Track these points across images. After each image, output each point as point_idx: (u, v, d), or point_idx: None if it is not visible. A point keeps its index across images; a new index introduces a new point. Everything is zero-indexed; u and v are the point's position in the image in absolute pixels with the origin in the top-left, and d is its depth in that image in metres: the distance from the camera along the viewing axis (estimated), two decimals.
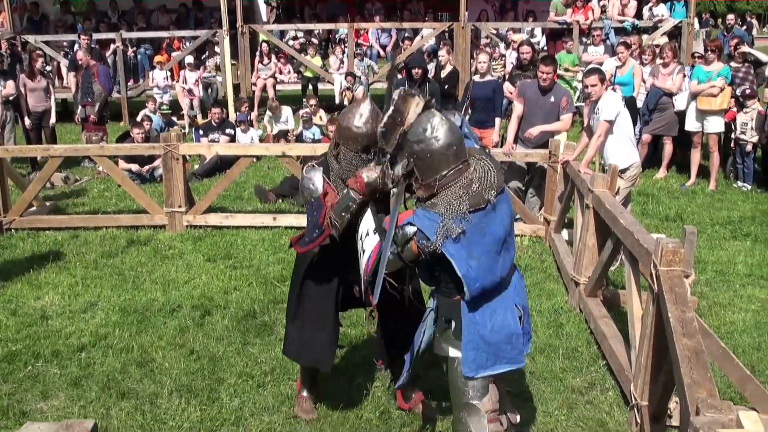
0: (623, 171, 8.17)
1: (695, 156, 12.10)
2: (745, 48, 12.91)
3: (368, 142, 4.68)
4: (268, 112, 15.39)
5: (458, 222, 3.86)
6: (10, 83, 13.08)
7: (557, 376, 5.94)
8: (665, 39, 16.68)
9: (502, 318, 4.05)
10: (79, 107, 13.83)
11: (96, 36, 18.04)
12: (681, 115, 12.31)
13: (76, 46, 17.12)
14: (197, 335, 6.76)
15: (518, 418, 4.34)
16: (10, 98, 12.94)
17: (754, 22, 31.15)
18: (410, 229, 3.97)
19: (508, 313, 4.09)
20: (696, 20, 19.23)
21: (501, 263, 4.04)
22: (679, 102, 12.16)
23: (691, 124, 11.96)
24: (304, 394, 5.44)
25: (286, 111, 15.21)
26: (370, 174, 4.46)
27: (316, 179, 4.82)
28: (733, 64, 12.45)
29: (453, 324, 4.14)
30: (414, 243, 3.97)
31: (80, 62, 13.95)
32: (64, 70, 17.75)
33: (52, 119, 13.86)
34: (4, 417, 5.47)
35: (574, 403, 5.56)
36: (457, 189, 3.93)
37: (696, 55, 12.54)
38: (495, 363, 4.06)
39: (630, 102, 11.77)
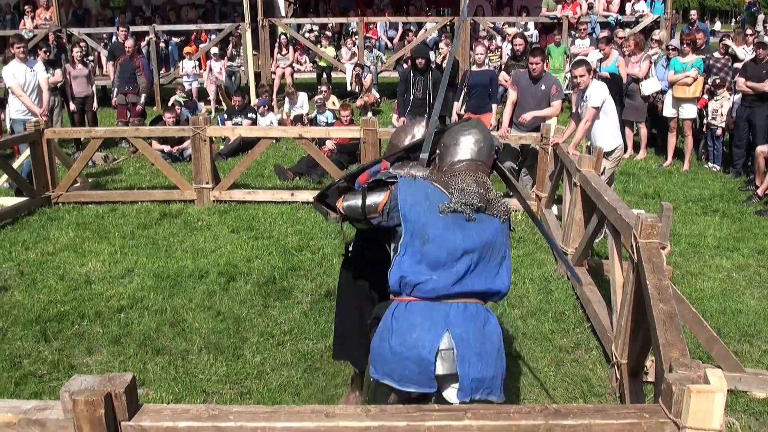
0: (608, 153, 8.17)
1: (671, 139, 12.10)
2: (728, 42, 12.84)
3: None
4: (286, 98, 15.37)
5: (432, 211, 3.40)
6: (58, 71, 13.08)
7: (546, 337, 5.98)
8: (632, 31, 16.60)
9: (418, 337, 3.29)
10: (119, 93, 13.84)
11: (132, 29, 17.98)
12: (646, 100, 12.33)
13: (114, 38, 17.11)
14: (223, 299, 6.81)
15: None
16: (58, 85, 12.94)
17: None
18: (393, 178, 3.58)
19: (427, 337, 3.29)
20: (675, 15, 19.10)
21: (444, 279, 3.36)
22: (645, 88, 12.14)
23: (668, 111, 11.96)
24: (356, 394, 4.89)
25: (302, 97, 15.19)
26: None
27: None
28: (716, 54, 12.43)
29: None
30: (387, 195, 3.52)
31: (128, 49, 13.96)
32: (103, 60, 17.73)
33: (95, 104, 13.89)
34: (55, 369, 5.53)
35: (562, 361, 5.60)
36: (462, 180, 3.49)
37: (670, 47, 12.48)
38: (400, 379, 3.32)
39: (616, 80, 11.75)
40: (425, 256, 3.37)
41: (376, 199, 3.57)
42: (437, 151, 3.71)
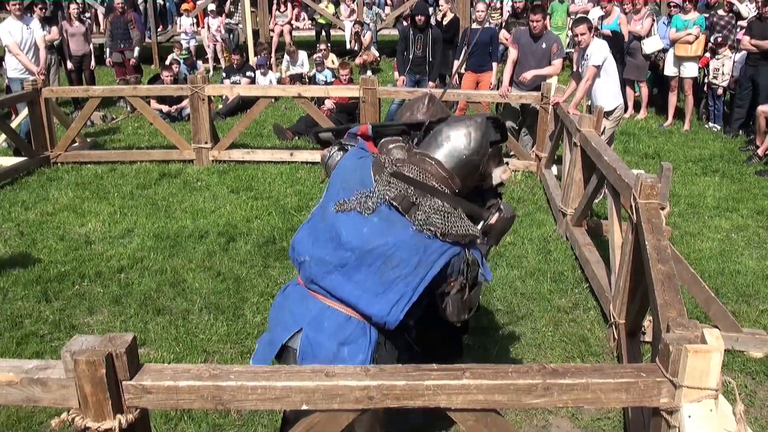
0: (609, 113, 8.14)
1: (672, 99, 12.03)
2: None
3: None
4: (285, 56, 15.26)
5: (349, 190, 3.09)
6: (54, 29, 12.97)
7: (545, 297, 6.01)
8: None
9: (278, 321, 3.18)
10: (113, 53, 13.74)
11: None
12: (648, 59, 12.24)
13: None
14: (223, 259, 6.83)
15: None
16: (54, 43, 12.84)
17: None
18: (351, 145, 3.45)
19: (281, 326, 3.14)
20: None
21: (316, 267, 3.03)
22: (647, 46, 12.05)
23: (669, 69, 11.88)
24: None
25: (302, 55, 15.09)
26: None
27: None
28: (720, 12, 12.33)
29: None
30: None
31: (117, 5, 13.81)
32: (101, 17, 17.57)
33: (92, 63, 13.79)
34: (56, 329, 5.58)
35: (560, 321, 5.64)
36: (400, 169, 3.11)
37: (672, 4, 12.37)
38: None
39: (617, 38, 11.65)
40: (316, 233, 3.09)
41: (335, 158, 3.47)
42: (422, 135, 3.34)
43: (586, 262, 6.30)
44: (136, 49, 13.87)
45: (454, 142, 3.11)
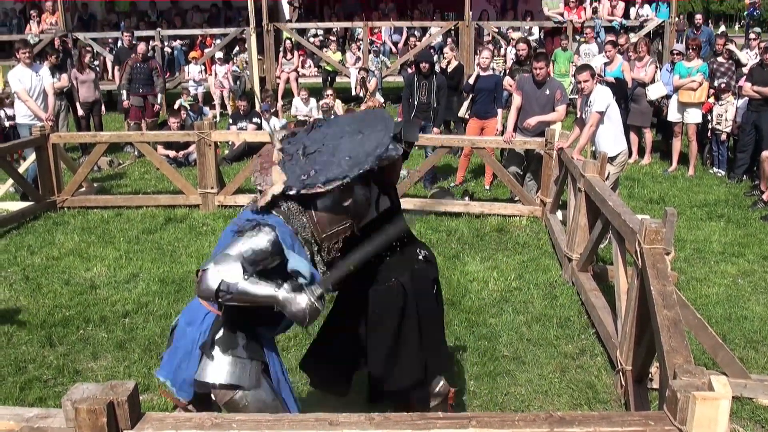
0: (612, 158, 8.16)
1: (676, 144, 12.08)
2: (731, 47, 12.85)
3: None
4: (294, 101, 15.43)
5: None
6: (64, 76, 13.15)
7: (551, 343, 5.96)
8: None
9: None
10: (132, 96, 13.86)
11: (137, 33, 18.04)
12: (653, 105, 12.31)
13: (119, 42, 17.16)
14: None
15: None
16: (64, 90, 12.98)
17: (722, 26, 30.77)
18: None
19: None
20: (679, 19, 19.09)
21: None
22: (651, 93, 12.13)
23: (673, 115, 11.95)
24: None
25: (312, 101, 15.28)
26: None
27: None
28: (720, 59, 12.42)
29: None
30: None
31: (140, 53, 14.01)
32: (109, 65, 17.77)
33: (102, 109, 13.94)
34: (60, 374, 5.54)
35: (567, 367, 5.58)
36: None
37: (675, 51, 12.47)
38: None
39: (621, 85, 11.72)
40: None
41: None
42: None
43: (593, 307, 6.25)
44: (160, 96, 14.08)
45: None
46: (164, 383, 3.62)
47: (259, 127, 13.99)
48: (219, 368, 3.36)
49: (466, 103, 11.31)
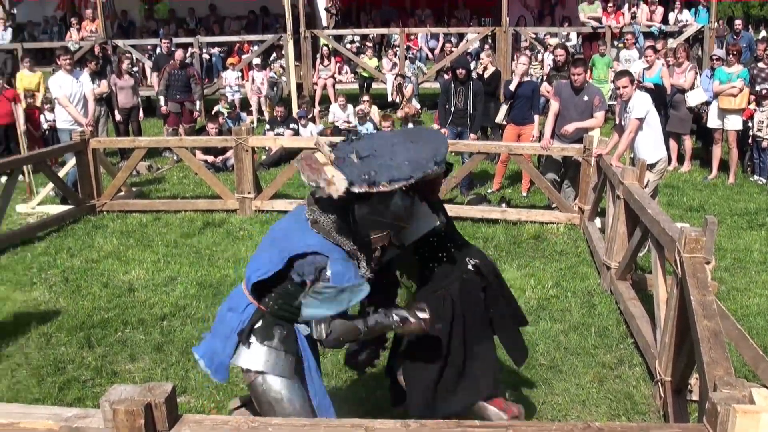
0: (652, 165, 8.07)
1: (716, 151, 11.90)
2: None
3: None
4: (332, 107, 15.51)
5: None
6: (104, 82, 13.34)
7: (589, 352, 5.90)
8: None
9: None
10: (170, 102, 14.02)
11: (176, 40, 18.25)
12: (692, 111, 12.15)
13: (158, 49, 17.37)
14: None
15: None
16: (103, 96, 13.18)
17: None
18: None
19: None
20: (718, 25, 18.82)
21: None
22: (691, 99, 11.98)
23: (713, 122, 11.78)
24: None
25: (350, 108, 15.36)
26: None
27: None
28: (760, 64, 12.24)
29: None
30: None
31: (178, 60, 14.19)
32: (147, 71, 18.00)
33: (140, 114, 14.12)
34: (98, 375, 5.61)
35: (605, 377, 5.52)
36: None
37: (714, 57, 12.31)
38: None
39: (660, 91, 11.60)
40: None
41: None
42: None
43: (631, 316, 6.18)
44: (198, 102, 14.21)
45: None
46: (198, 361, 3.81)
47: (297, 132, 14.07)
48: (254, 356, 3.59)
49: (503, 109, 11.26)
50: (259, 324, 3.62)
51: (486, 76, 12.39)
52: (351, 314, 3.66)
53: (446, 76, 15.37)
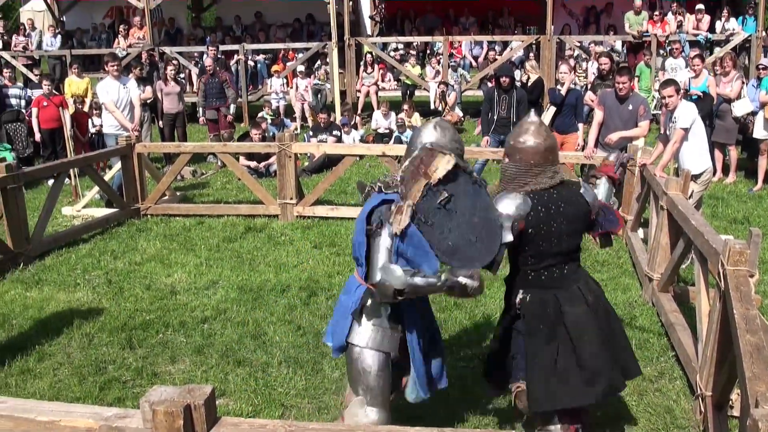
0: (696, 176, 7.95)
1: (762, 162, 11.66)
2: None
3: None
4: (375, 114, 15.56)
5: None
6: (149, 88, 13.55)
7: None
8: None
9: None
10: (207, 110, 14.20)
11: (222, 47, 18.47)
12: (738, 122, 11.94)
13: (204, 57, 17.61)
14: (304, 313, 6.87)
15: None
16: (148, 101, 13.38)
17: None
18: None
19: None
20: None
21: None
22: (737, 109, 11.77)
23: (759, 132, 11.55)
24: None
25: (392, 115, 15.42)
26: None
27: None
28: None
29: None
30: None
31: (208, 68, 14.35)
32: (194, 78, 18.23)
33: (185, 120, 14.30)
34: (138, 376, 5.69)
35: (645, 390, 5.44)
36: None
37: (761, 66, 12.10)
38: None
39: (707, 100, 11.44)
40: None
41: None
42: None
43: (673, 329, 6.09)
44: (232, 107, 14.35)
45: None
46: (328, 345, 4.26)
47: (339, 139, 14.14)
48: (363, 333, 3.97)
49: (547, 116, 11.18)
50: (368, 303, 3.98)
51: (529, 84, 12.34)
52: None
53: (490, 84, 15.35)
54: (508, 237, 3.97)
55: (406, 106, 15.34)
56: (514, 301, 4.28)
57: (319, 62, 19.34)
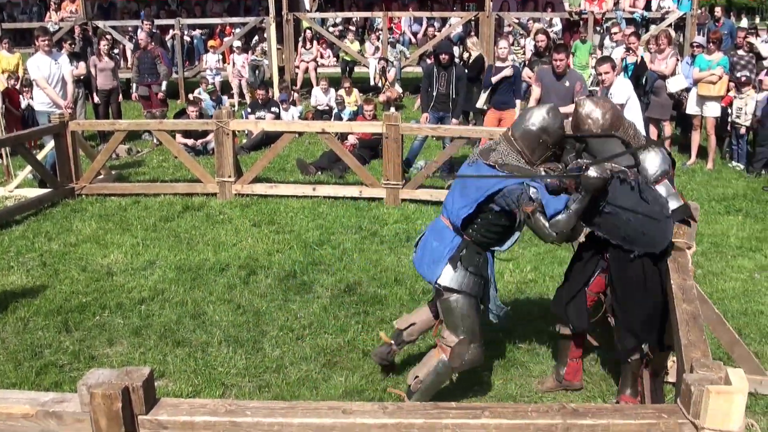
0: None
1: (695, 137, 11.98)
2: (752, 39, 12.72)
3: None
4: (314, 91, 15.48)
5: None
6: (82, 64, 13.18)
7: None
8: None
9: None
10: (139, 86, 13.92)
11: (157, 22, 18.10)
12: (672, 98, 12.21)
13: (139, 31, 17.22)
14: (243, 292, 6.83)
15: None
16: (82, 78, 13.04)
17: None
18: None
19: None
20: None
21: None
22: (672, 85, 12.03)
23: (692, 108, 11.84)
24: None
25: (332, 91, 15.32)
26: None
27: None
28: (740, 52, 12.29)
29: None
30: None
31: (141, 42, 14.05)
32: (128, 53, 17.86)
33: (119, 97, 13.99)
34: (76, 360, 5.59)
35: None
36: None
37: (695, 44, 12.36)
38: None
39: (639, 69, 11.68)
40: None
41: None
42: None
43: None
44: (164, 83, 14.03)
45: (527, 117, 4.57)
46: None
47: (278, 116, 14.02)
48: (457, 277, 4.55)
49: (484, 94, 11.26)
50: (464, 252, 4.56)
51: (470, 61, 12.39)
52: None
53: (429, 61, 15.36)
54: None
55: (346, 83, 15.26)
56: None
57: (256, 38, 19.11)
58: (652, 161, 4.59)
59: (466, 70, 12.17)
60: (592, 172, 4.26)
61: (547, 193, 4.37)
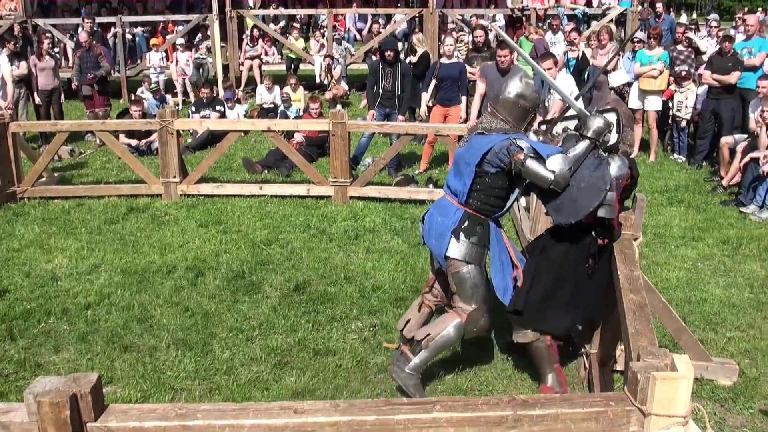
0: None
1: (637, 131, 12.19)
2: (691, 35, 13.00)
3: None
4: (258, 89, 15.35)
5: None
6: (23, 64, 12.87)
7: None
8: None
9: None
10: (84, 86, 13.65)
11: (98, 19, 17.78)
12: (616, 92, 12.43)
13: (80, 29, 16.89)
14: (191, 294, 6.76)
15: None
16: (22, 78, 12.75)
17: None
18: None
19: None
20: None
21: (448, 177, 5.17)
22: (614, 80, 12.26)
23: (634, 102, 12.06)
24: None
25: (276, 89, 15.21)
26: None
27: None
28: (680, 47, 12.55)
29: None
30: None
31: (83, 43, 13.77)
32: (69, 52, 17.51)
33: (61, 97, 13.69)
34: (22, 368, 5.48)
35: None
36: None
37: (635, 40, 12.60)
38: None
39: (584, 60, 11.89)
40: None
41: None
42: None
43: None
44: (102, 72, 13.64)
45: (503, 89, 4.99)
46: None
47: (223, 115, 13.90)
48: (460, 248, 4.82)
49: (429, 91, 11.32)
50: (465, 224, 4.82)
51: (415, 58, 12.43)
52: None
53: (374, 57, 15.37)
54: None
55: (291, 80, 15.18)
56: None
57: (200, 35, 18.90)
58: (612, 165, 4.78)
59: (412, 67, 12.22)
60: (598, 116, 4.74)
61: (538, 142, 4.82)
